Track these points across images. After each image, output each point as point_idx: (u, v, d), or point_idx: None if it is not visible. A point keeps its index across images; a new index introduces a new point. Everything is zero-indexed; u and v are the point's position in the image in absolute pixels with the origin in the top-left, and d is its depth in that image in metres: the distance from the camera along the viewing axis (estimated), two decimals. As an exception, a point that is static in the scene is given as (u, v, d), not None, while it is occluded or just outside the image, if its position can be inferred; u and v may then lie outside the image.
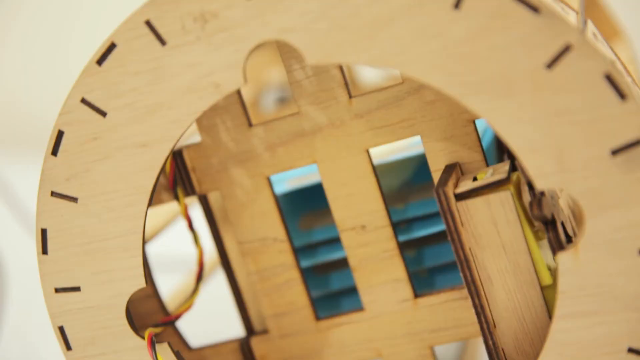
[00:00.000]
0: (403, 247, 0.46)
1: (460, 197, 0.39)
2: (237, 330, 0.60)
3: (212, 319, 0.70)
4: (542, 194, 0.39)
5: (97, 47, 0.40)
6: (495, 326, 0.40)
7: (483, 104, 0.36)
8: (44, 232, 0.41)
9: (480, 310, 0.40)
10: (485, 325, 0.40)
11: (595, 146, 0.35)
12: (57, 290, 0.42)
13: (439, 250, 0.47)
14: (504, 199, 0.38)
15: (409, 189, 0.47)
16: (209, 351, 0.48)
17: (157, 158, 0.40)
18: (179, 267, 0.75)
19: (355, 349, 0.46)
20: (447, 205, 0.39)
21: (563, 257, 0.37)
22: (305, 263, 0.48)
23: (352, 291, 0.48)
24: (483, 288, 0.39)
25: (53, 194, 0.41)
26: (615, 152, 0.35)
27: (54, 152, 0.41)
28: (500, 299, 0.40)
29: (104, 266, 0.41)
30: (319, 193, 0.47)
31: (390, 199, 0.47)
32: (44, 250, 0.41)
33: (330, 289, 0.49)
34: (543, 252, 0.39)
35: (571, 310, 0.37)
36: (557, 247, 0.38)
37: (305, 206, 0.49)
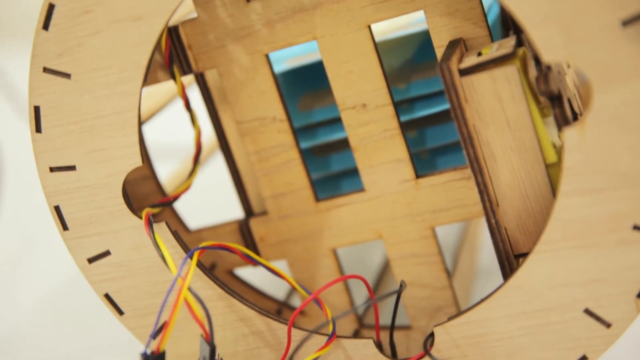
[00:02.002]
0: (404, 127, 0.45)
1: (464, 72, 0.38)
2: (236, 212, 0.59)
3: (211, 201, 0.70)
4: (549, 68, 0.38)
5: None
6: (498, 205, 0.39)
7: (489, -27, 0.35)
8: (37, 110, 0.40)
9: (483, 188, 0.39)
10: (488, 204, 0.39)
11: (605, 16, 0.34)
12: (52, 170, 0.41)
13: (440, 130, 0.46)
14: (509, 73, 0.37)
15: (412, 68, 0.46)
16: (207, 232, 0.48)
17: (152, 32, 0.39)
18: (177, 154, 0.75)
19: (355, 230, 0.45)
20: (450, 81, 0.38)
21: (569, 132, 0.36)
22: (305, 144, 0.47)
23: (353, 173, 0.48)
24: (486, 166, 0.39)
25: (45, 70, 0.40)
26: (626, 23, 0.34)
27: (45, 26, 0.39)
28: (503, 177, 0.39)
29: (99, 144, 0.40)
30: (318, 72, 0.46)
31: (392, 78, 0.46)
32: (38, 128, 0.40)
33: (330, 170, 0.48)
34: (548, 130, 0.38)
35: (576, 187, 0.36)
36: (563, 122, 0.37)
37: (305, 86, 0.48)
